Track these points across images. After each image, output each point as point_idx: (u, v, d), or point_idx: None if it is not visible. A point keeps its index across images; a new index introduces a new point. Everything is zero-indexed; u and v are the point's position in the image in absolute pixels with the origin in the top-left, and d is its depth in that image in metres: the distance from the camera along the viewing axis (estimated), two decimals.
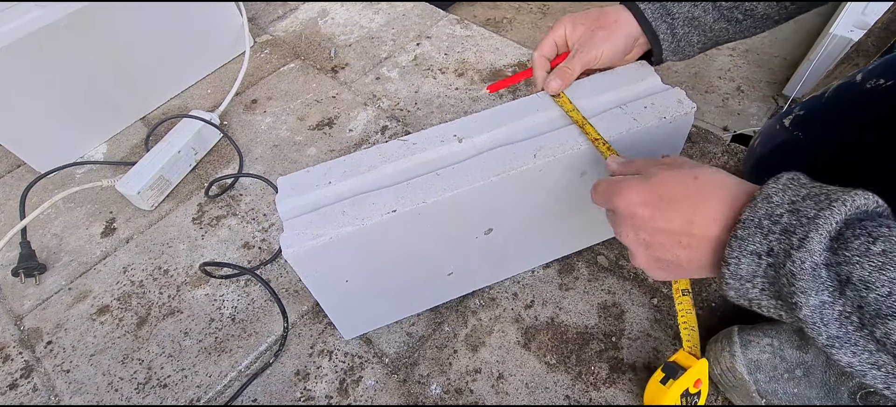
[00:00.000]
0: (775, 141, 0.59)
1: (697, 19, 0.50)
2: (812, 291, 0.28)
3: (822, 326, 0.28)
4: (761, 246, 0.30)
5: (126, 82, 0.82)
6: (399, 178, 0.45)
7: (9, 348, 0.62)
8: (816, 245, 0.28)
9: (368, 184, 0.46)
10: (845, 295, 0.27)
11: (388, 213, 0.42)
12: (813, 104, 0.55)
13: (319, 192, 0.45)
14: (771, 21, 0.50)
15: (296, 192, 0.46)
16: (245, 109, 0.86)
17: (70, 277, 0.67)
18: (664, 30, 0.50)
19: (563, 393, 0.52)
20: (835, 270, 0.28)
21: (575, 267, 0.61)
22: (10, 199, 0.78)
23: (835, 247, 0.28)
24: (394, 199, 0.43)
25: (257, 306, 0.61)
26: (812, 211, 0.29)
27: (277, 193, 0.46)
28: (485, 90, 0.56)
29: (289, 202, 0.45)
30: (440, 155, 0.47)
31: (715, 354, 0.49)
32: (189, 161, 0.77)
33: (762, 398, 0.46)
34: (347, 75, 0.90)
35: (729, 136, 0.97)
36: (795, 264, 0.28)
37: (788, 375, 0.45)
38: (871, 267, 0.26)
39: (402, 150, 0.47)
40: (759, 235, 0.30)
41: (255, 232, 0.69)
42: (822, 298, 0.28)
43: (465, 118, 0.50)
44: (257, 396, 0.55)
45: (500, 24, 1.39)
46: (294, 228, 0.43)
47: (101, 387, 0.57)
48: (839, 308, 0.28)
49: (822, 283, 0.28)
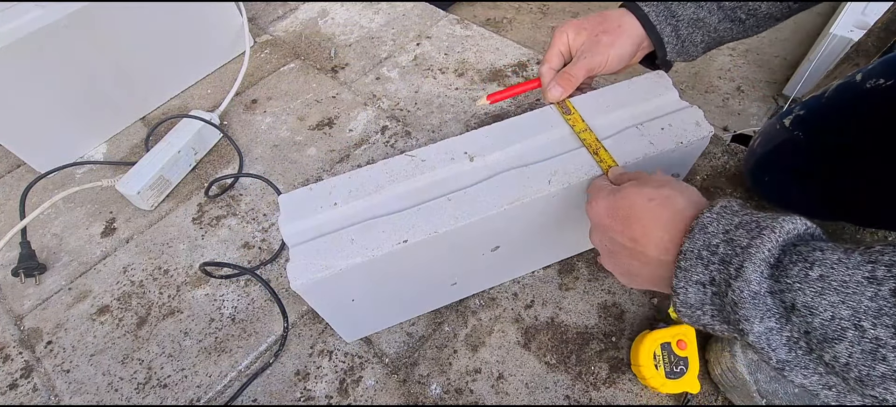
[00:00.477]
0: (775, 141, 0.59)
1: (702, 20, 0.49)
2: (756, 318, 0.28)
3: (771, 351, 0.29)
4: (704, 276, 0.31)
5: (126, 82, 0.82)
6: (408, 201, 0.44)
7: (9, 348, 0.62)
8: (752, 274, 0.28)
9: (376, 207, 0.44)
10: (791, 321, 0.28)
11: (399, 243, 0.41)
12: (813, 104, 0.55)
13: (325, 216, 0.44)
14: (773, 19, 0.50)
15: (300, 214, 0.44)
16: (245, 109, 0.86)
17: (70, 277, 0.67)
18: (668, 32, 0.50)
19: (563, 393, 0.52)
20: (779, 297, 0.28)
21: (575, 267, 0.61)
22: (10, 200, 0.78)
23: (776, 275, 0.28)
24: (404, 227, 0.42)
25: (257, 306, 0.61)
26: (744, 240, 0.29)
27: (280, 214, 0.45)
28: (484, 100, 0.55)
29: (293, 225, 0.43)
30: (450, 174, 0.46)
31: (715, 355, 0.49)
32: (189, 161, 0.77)
33: (763, 398, 0.46)
34: (347, 75, 0.90)
35: (729, 136, 0.97)
36: (736, 293, 0.29)
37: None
38: (813, 292, 0.27)
39: (410, 168, 0.46)
40: (700, 266, 0.31)
41: (255, 232, 0.69)
42: (768, 325, 0.28)
43: (475, 133, 0.48)
44: (257, 396, 0.55)
45: (500, 24, 1.39)
46: (301, 256, 0.41)
47: (101, 387, 0.57)
48: (787, 334, 0.28)
49: (767, 309, 0.28)
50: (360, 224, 0.43)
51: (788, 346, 0.28)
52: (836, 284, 0.26)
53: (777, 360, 0.29)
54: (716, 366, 0.49)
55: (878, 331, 0.25)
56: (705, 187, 0.65)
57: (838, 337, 0.26)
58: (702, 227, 0.32)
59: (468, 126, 0.78)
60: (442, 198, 0.44)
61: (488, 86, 0.83)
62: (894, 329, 0.25)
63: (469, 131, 0.48)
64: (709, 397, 0.50)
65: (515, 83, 0.53)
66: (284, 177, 0.75)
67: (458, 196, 0.44)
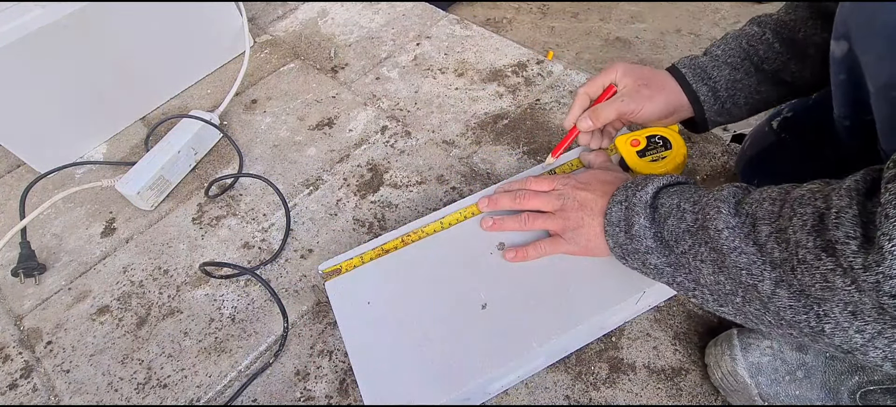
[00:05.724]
0: (764, 143, 0.59)
1: (740, 82, 0.52)
2: (640, 219, 0.43)
3: (645, 240, 0.43)
4: (621, 198, 0.46)
5: (126, 82, 0.82)
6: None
7: (9, 348, 0.62)
8: (639, 202, 0.44)
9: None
10: (655, 220, 0.43)
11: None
12: (799, 106, 0.55)
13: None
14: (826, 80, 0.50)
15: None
16: (245, 109, 0.86)
17: (70, 277, 0.67)
18: (705, 91, 0.52)
19: (563, 393, 0.52)
20: (652, 206, 0.43)
21: None
22: (10, 200, 0.78)
23: (654, 203, 0.44)
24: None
25: (257, 306, 0.61)
26: (641, 182, 0.46)
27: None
28: (551, 159, 0.58)
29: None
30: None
31: (715, 358, 0.49)
32: (189, 161, 0.77)
33: (764, 401, 0.45)
34: (347, 75, 0.90)
35: (729, 136, 0.97)
36: (633, 208, 0.44)
37: (790, 377, 0.45)
38: (671, 205, 0.42)
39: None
40: (619, 196, 0.46)
41: (255, 232, 0.69)
42: (643, 224, 0.43)
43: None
44: (257, 396, 0.55)
45: (500, 24, 1.39)
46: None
47: (101, 387, 0.57)
48: (655, 229, 0.43)
49: (645, 216, 0.43)
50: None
51: (654, 238, 0.42)
52: (680, 191, 0.43)
53: (645, 247, 0.43)
54: (716, 370, 0.49)
55: (685, 206, 0.41)
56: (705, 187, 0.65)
57: (669, 216, 0.41)
58: (623, 187, 0.47)
59: (468, 126, 0.78)
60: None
61: (488, 85, 0.83)
62: (693, 212, 0.40)
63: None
64: (709, 397, 0.50)
65: (562, 140, 0.58)
66: (284, 177, 0.75)
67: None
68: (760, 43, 0.51)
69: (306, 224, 0.69)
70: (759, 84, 0.52)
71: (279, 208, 0.70)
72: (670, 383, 0.51)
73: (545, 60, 0.86)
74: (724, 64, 0.52)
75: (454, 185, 0.70)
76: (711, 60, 0.53)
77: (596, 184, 0.50)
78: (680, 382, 0.51)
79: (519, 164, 0.72)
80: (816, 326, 0.32)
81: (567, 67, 0.84)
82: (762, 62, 0.52)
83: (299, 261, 0.65)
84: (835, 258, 0.29)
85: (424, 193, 0.70)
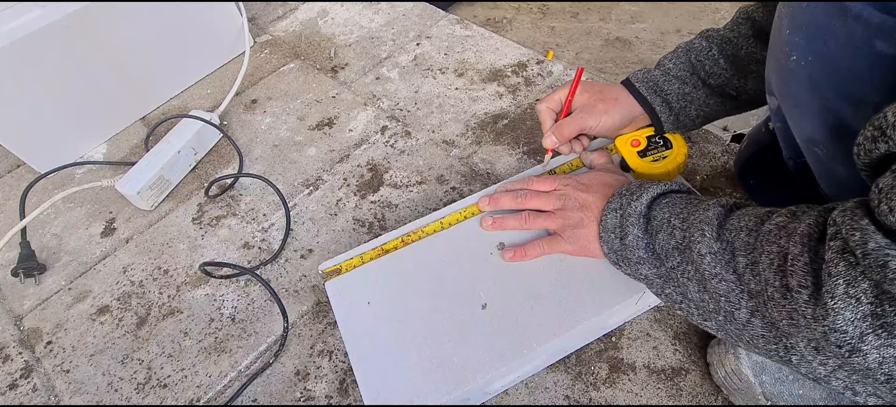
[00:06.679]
0: (759, 145, 0.60)
1: (689, 95, 0.55)
2: (633, 231, 0.44)
3: (638, 250, 0.44)
4: (615, 206, 0.47)
5: (126, 82, 0.82)
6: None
7: (9, 348, 0.62)
8: (634, 212, 0.44)
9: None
10: (648, 231, 0.43)
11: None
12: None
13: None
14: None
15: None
16: (245, 109, 0.86)
17: (70, 277, 0.67)
18: (659, 103, 0.55)
19: (563, 393, 0.52)
20: (646, 217, 0.44)
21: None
22: (10, 200, 0.78)
23: (648, 214, 0.44)
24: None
25: (257, 306, 0.61)
26: (636, 190, 0.46)
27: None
28: (547, 158, 0.60)
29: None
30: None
31: (718, 357, 0.49)
32: (189, 161, 0.77)
33: (768, 400, 0.45)
34: (347, 75, 0.90)
35: (729, 136, 0.97)
36: (628, 217, 0.45)
37: (794, 377, 0.44)
38: (662, 219, 0.42)
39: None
40: (614, 203, 0.47)
41: (255, 232, 0.69)
42: (636, 235, 0.44)
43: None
44: (257, 396, 0.55)
45: (500, 23, 1.39)
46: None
47: (101, 387, 0.57)
48: (646, 240, 0.43)
49: (639, 227, 0.44)
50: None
51: (646, 249, 0.43)
52: (672, 203, 0.43)
53: (637, 257, 0.44)
54: (719, 368, 0.48)
55: (675, 222, 0.41)
56: (704, 188, 0.65)
57: (670, 253, 0.41)
58: (618, 193, 0.47)
59: (468, 126, 0.78)
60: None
61: (488, 85, 0.83)
62: (682, 230, 0.40)
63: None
64: (710, 398, 0.50)
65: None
66: (284, 177, 0.75)
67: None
68: (707, 58, 0.54)
69: (306, 224, 0.69)
70: (707, 97, 0.55)
71: (279, 208, 0.70)
72: (670, 383, 0.51)
73: (545, 60, 0.86)
74: (674, 78, 0.55)
75: (454, 186, 0.70)
76: (663, 74, 0.56)
77: (597, 186, 0.51)
78: (680, 382, 0.51)
79: (519, 165, 0.72)
80: (785, 356, 0.34)
81: (567, 67, 0.84)
82: (708, 77, 0.54)
83: (299, 261, 0.65)
84: (795, 301, 0.31)
85: (424, 193, 0.70)
